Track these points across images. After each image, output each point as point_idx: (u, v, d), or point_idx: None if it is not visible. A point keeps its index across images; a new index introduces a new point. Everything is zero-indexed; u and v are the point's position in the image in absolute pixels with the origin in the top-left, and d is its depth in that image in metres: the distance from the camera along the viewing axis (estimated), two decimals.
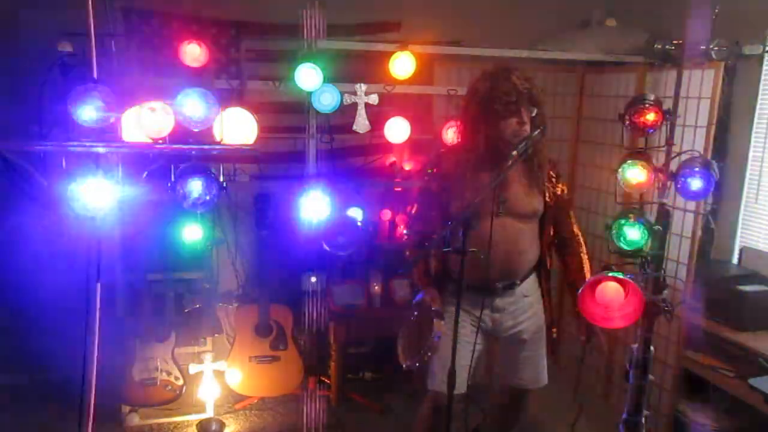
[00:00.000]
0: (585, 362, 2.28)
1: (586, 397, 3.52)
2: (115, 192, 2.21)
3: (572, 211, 2.35)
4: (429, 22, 3.26)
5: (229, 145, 2.47)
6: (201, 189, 2.17)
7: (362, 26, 3.28)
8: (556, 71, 3.58)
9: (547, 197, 2.19)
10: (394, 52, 2.99)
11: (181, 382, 3.02)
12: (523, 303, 2.25)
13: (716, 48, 2.56)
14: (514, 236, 2.14)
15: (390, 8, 3.38)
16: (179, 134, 2.25)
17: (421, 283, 2.29)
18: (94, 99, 2.17)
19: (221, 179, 2.68)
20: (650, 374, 2.17)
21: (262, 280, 3.21)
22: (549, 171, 2.21)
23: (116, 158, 2.47)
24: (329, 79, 2.87)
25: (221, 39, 2.89)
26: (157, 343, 3.00)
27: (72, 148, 2.23)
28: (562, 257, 2.33)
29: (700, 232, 2.85)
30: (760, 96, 3.05)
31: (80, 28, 2.49)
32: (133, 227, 2.89)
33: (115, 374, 2.94)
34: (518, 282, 2.22)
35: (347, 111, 3.01)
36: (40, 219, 3.00)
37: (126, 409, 3.10)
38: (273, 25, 3.18)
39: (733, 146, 3.17)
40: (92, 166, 2.20)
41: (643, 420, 2.18)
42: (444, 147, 2.35)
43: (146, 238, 2.95)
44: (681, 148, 2.66)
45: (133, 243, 2.95)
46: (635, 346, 2.19)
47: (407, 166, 3.42)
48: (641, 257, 2.13)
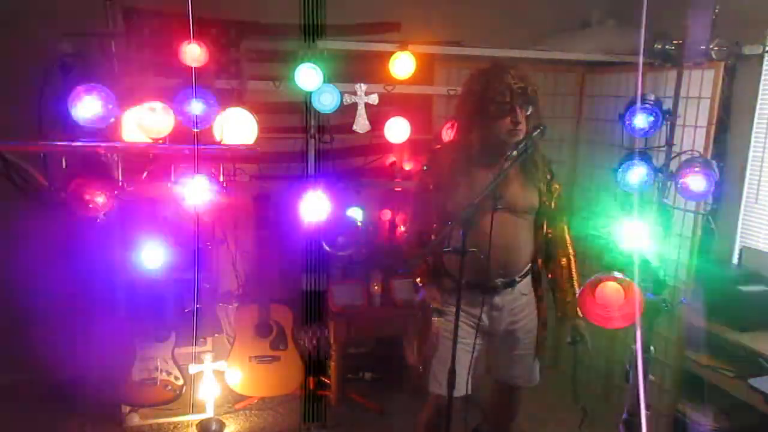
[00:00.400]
0: (577, 367, 2.27)
1: (587, 397, 3.52)
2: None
3: (564, 213, 2.32)
4: (429, 22, 3.26)
5: (229, 145, 2.47)
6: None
7: (362, 26, 3.28)
8: (556, 71, 3.58)
9: (542, 194, 2.19)
10: (394, 52, 3.00)
11: (181, 382, 3.02)
12: (521, 301, 2.25)
13: (716, 48, 2.56)
14: (512, 231, 2.14)
15: (390, 8, 3.38)
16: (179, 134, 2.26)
17: (421, 282, 2.29)
18: (94, 99, 2.17)
19: (221, 179, 2.69)
20: (650, 374, 2.17)
21: (262, 280, 3.21)
22: (544, 168, 2.20)
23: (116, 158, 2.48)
24: (329, 79, 2.87)
25: (221, 39, 2.89)
26: (157, 343, 2.99)
27: (72, 149, 2.24)
28: (550, 257, 2.31)
29: (700, 232, 2.85)
30: (760, 96, 3.05)
31: (80, 28, 2.49)
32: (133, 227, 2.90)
33: (115, 374, 2.95)
34: (518, 279, 2.22)
35: (347, 111, 3.01)
36: (40, 219, 3.00)
37: (126, 409, 3.10)
38: (273, 25, 3.18)
39: (733, 146, 3.17)
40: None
41: (643, 420, 2.18)
42: (439, 144, 2.34)
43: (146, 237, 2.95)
44: (681, 148, 2.66)
45: (133, 243, 2.95)
46: (635, 346, 2.20)
47: (407, 166, 3.42)
48: (641, 258, 2.13)
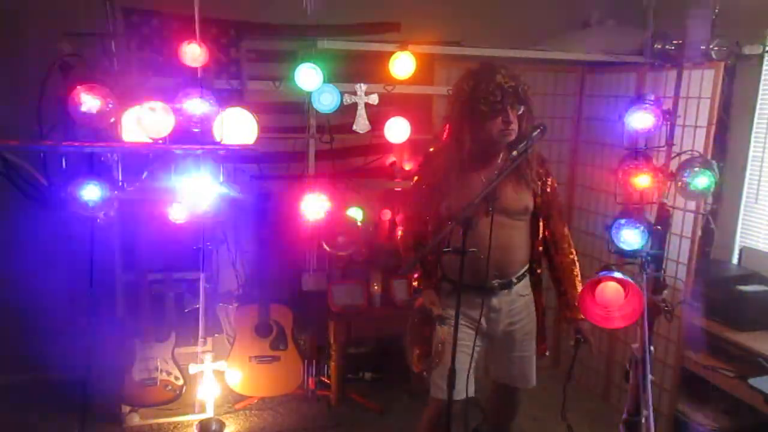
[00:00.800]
0: (574, 372, 2.27)
1: (587, 397, 3.52)
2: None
3: (561, 211, 2.33)
4: (429, 22, 3.25)
5: (229, 145, 2.47)
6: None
7: (362, 26, 3.28)
8: (556, 71, 3.58)
9: (536, 195, 2.18)
10: (394, 52, 3.00)
11: (181, 382, 3.02)
12: (519, 303, 2.25)
13: (716, 48, 2.56)
14: (506, 233, 2.12)
15: (390, 8, 3.38)
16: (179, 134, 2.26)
17: (419, 286, 2.28)
18: (94, 99, 2.17)
19: (221, 179, 2.69)
20: (650, 374, 2.17)
21: (262, 280, 3.21)
22: (538, 169, 2.19)
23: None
24: (329, 79, 2.87)
25: (221, 39, 2.89)
26: (157, 343, 2.99)
27: (72, 148, 2.24)
28: (551, 258, 2.30)
29: (700, 232, 2.85)
30: (760, 96, 3.05)
31: (80, 28, 2.49)
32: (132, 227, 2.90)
33: (115, 374, 2.95)
34: (514, 280, 2.22)
35: (347, 111, 3.01)
36: (40, 219, 3.00)
37: (126, 409, 3.10)
38: (273, 25, 3.18)
39: (733, 146, 3.17)
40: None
41: (643, 420, 2.18)
42: (434, 146, 2.34)
43: (146, 237, 2.95)
44: (681, 148, 2.66)
45: (133, 243, 2.95)
46: (635, 346, 2.20)
47: (407, 166, 3.42)
48: (641, 257, 2.13)
